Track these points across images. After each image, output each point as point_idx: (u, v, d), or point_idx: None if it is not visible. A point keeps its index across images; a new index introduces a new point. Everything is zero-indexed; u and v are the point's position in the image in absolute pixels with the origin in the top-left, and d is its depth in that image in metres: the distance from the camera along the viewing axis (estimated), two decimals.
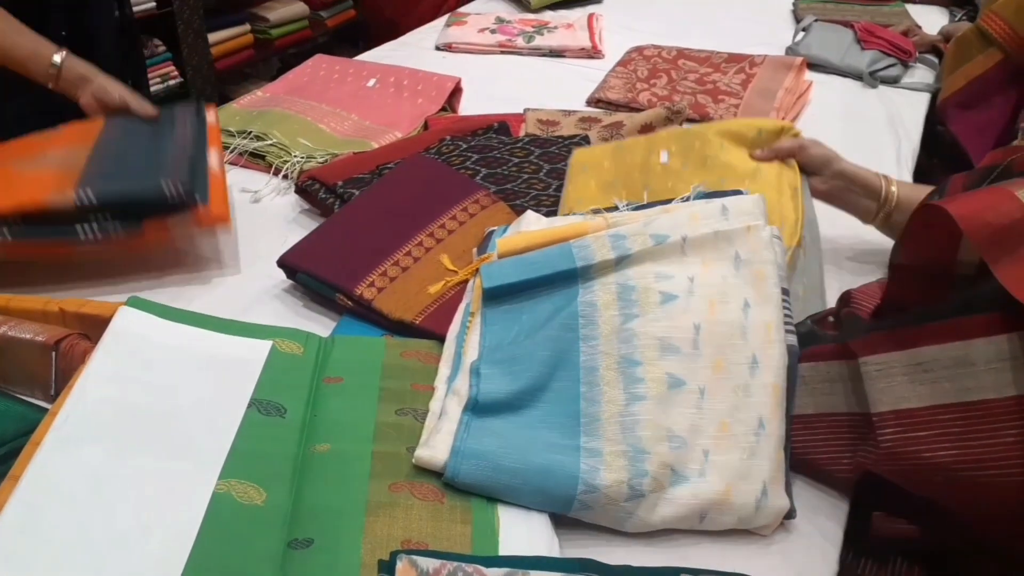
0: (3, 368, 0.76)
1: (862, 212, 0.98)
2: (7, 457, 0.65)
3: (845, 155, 0.98)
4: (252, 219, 1.09)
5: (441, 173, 1.08)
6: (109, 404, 0.68)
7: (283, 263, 0.92)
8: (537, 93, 1.49)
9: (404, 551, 0.57)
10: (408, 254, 0.93)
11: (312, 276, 0.90)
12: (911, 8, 2.06)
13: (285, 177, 1.18)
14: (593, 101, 1.50)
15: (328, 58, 1.57)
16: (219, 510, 0.61)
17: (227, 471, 0.64)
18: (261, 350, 0.77)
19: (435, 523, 0.62)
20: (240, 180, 1.18)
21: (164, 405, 0.70)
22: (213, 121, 1.09)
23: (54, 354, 0.74)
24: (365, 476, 0.66)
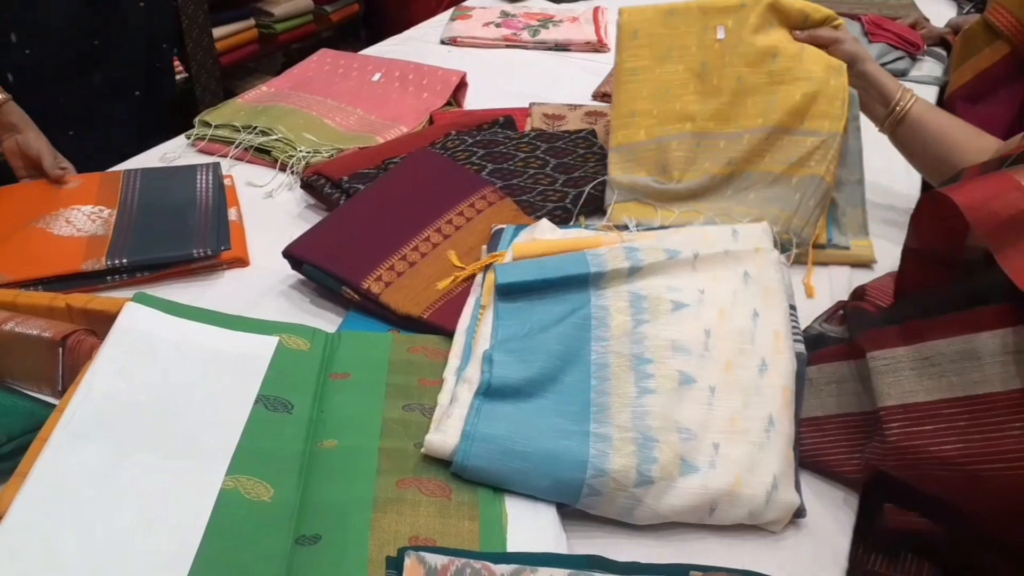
0: (10, 364, 0.76)
1: (873, 116, 1.03)
2: (15, 453, 0.65)
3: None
4: (258, 214, 1.09)
5: (447, 168, 1.08)
6: (116, 400, 0.68)
7: (289, 254, 0.92)
8: (543, 87, 1.48)
9: (412, 548, 0.57)
10: (415, 249, 0.93)
11: (318, 268, 0.89)
12: (919, 0, 2.05)
13: (291, 172, 1.18)
14: (599, 95, 1.49)
15: (333, 52, 1.56)
16: (226, 506, 0.61)
17: (234, 467, 0.64)
18: (268, 346, 0.77)
19: (443, 519, 0.62)
20: (246, 175, 1.18)
21: (171, 401, 0.70)
22: (230, 184, 1.14)
23: (61, 350, 0.74)
24: (372, 472, 0.66)
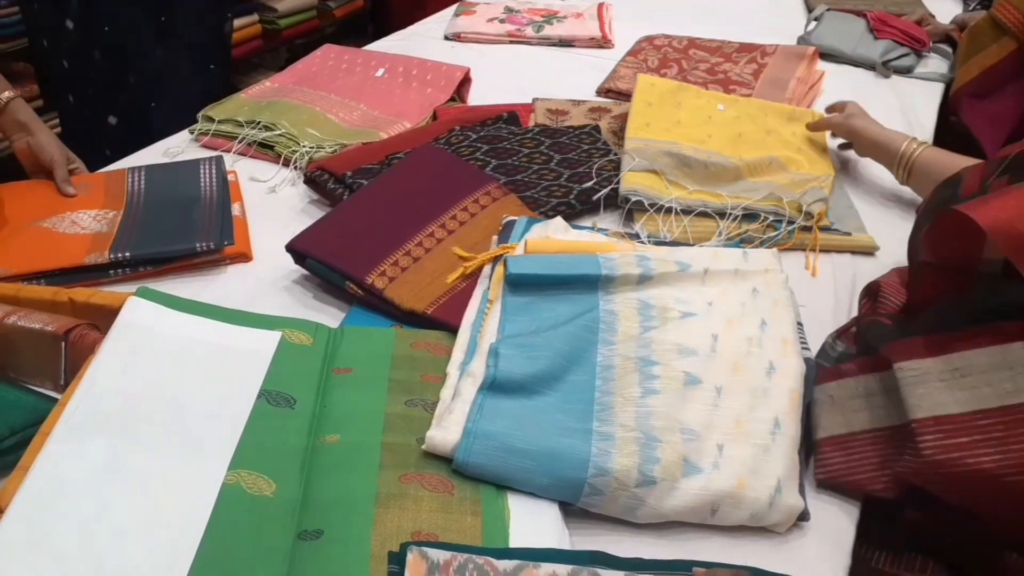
0: (13, 358, 0.76)
1: (892, 172, 1.11)
2: (17, 447, 0.65)
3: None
4: (261, 209, 1.08)
5: (451, 164, 1.08)
6: (118, 395, 0.68)
7: (292, 249, 0.91)
8: (546, 83, 1.48)
9: (414, 543, 0.57)
10: (419, 244, 0.93)
11: (322, 263, 0.89)
12: None
13: (294, 167, 1.18)
14: (603, 91, 1.49)
15: (336, 48, 1.56)
16: (228, 501, 0.61)
17: (236, 462, 0.64)
18: (270, 341, 0.77)
19: (445, 515, 0.62)
20: (249, 170, 1.18)
21: (173, 396, 0.70)
22: (233, 179, 1.13)
23: (64, 344, 0.74)
24: (375, 467, 0.65)
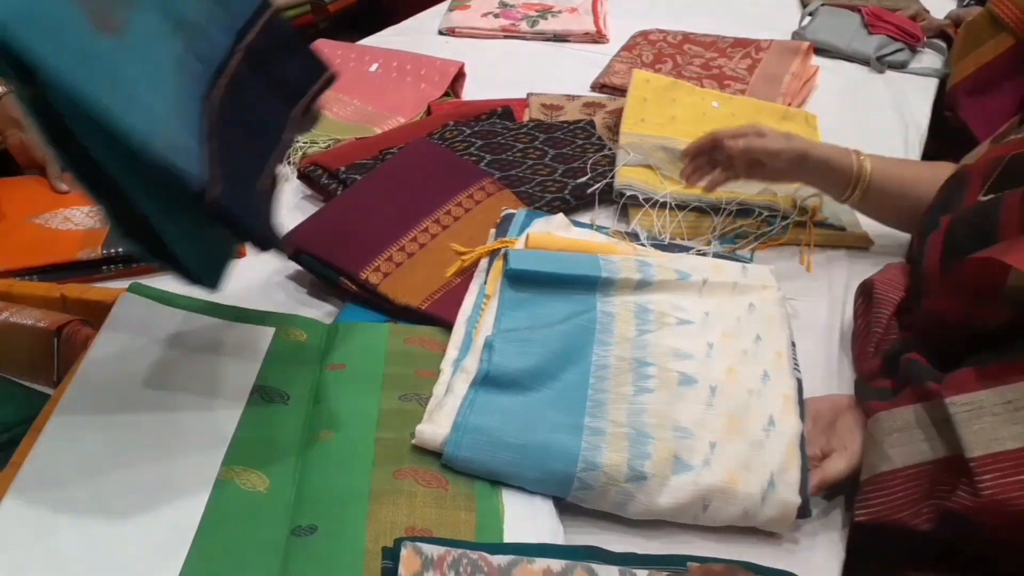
0: (6, 354, 0.76)
1: (835, 194, 0.97)
2: (9, 443, 0.65)
3: (851, 140, 0.98)
4: None
5: (446, 159, 1.07)
6: (111, 390, 0.68)
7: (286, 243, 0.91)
8: (541, 78, 1.47)
9: (408, 538, 0.57)
10: (414, 240, 0.92)
11: (316, 259, 0.89)
12: None
13: (288, 162, 1.18)
14: (597, 86, 1.48)
15: (330, 43, 1.55)
16: (222, 497, 0.61)
17: (230, 458, 0.64)
18: (264, 337, 0.77)
19: (439, 510, 0.62)
20: None
21: (166, 391, 0.69)
22: None
23: (56, 340, 0.74)
24: (369, 463, 0.65)
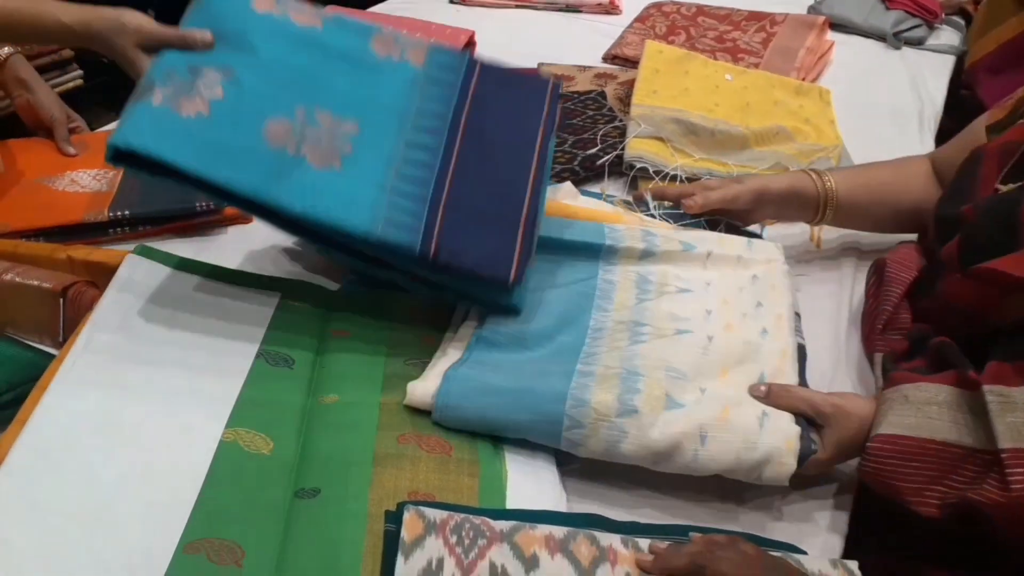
0: (12, 315, 0.76)
1: (803, 218, 0.91)
2: (15, 402, 0.65)
3: (866, 118, 0.96)
4: None
5: None
6: (115, 351, 0.68)
7: None
8: (552, 48, 1.46)
9: (411, 502, 0.57)
10: None
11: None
12: None
13: None
14: (609, 57, 1.47)
15: (340, 11, 1.53)
16: (225, 458, 0.61)
17: (234, 420, 0.64)
18: (269, 301, 0.77)
19: (442, 475, 0.62)
20: None
21: (171, 353, 0.69)
22: None
23: (62, 301, 0.74)
24: (373, 427, 0.65)
